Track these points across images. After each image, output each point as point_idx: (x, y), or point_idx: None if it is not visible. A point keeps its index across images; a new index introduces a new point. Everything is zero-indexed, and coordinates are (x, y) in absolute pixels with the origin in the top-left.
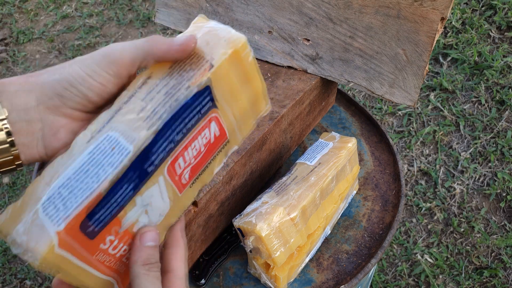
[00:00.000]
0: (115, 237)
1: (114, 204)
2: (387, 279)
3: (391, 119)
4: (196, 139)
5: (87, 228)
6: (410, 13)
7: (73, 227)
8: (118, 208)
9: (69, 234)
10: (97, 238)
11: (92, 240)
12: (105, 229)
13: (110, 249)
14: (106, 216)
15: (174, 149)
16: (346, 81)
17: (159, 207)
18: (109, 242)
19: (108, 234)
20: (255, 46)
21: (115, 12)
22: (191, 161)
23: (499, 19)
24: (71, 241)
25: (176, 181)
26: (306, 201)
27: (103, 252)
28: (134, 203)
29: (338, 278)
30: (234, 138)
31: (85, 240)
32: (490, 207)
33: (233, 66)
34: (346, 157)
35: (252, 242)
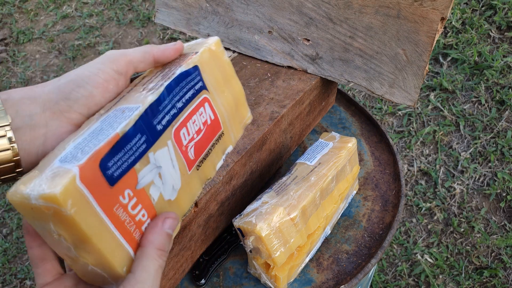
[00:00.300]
0: (133, 194)
1: (130, 152)
2: (387, 279)
3: (391, 119)
4: (195, 114)
5: (106, 169)
6: (410, 13)
7: (94, 163)
8: (134, 158)
9: (90, 170)
10: (116, 186)
11: (112, 187)
12: (123, 179)
13: (129, 207)
14: (123, 162)
15: (177, 115)
16: (346, 81)
17: (171, 175)
18: (127, 196)
19: (127, 186)
20: (255, 46)
21: (115, 12)
22: (193, 136)
23: (499, 19)
24: (92, 178)
25: (183, 151)
26: (306, 201)
27: (123, 208)
28: (147, 159)
29: (338, 278)
30: (228, 134)
31: (105, 184)
32: (490, 207)
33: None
34: (346, 157)
35: (252, 242)
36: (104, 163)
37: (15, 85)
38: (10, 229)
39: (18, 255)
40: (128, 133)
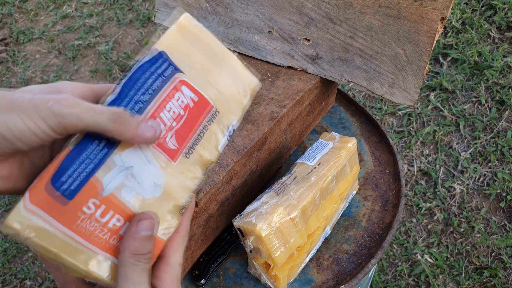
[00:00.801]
0: (100, 202)
1: (86, 161)
2: (387, 279)
3: (391, 119)
4: (169, 101)
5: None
6: (410, 13)
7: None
8: (93, 167)
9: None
10: (75, 199)
11: (70, 201)
12: (83, 190)
13: (98, 216)
14: (79, 174)
15: (145, 109)
16: (346, 81)
17: (147, 172)
18: (93, 205)
19: (90, 196)
20: (255, 46)
21: (115, 12)
22: (172, 124)
23: (499, 19)
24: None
25: (159, 144)
26: (306, 201)
27: (89, 218)
28: (112, 163)
29: (338, 278)
30: (227, 110)
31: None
32: (490, 207)
33: (185, 38)
34: (346, 157)
35: (252, 242)
36: (55, 180)
37: (15, 85)
38: None
39: (18, 255)
40: (81, 144)
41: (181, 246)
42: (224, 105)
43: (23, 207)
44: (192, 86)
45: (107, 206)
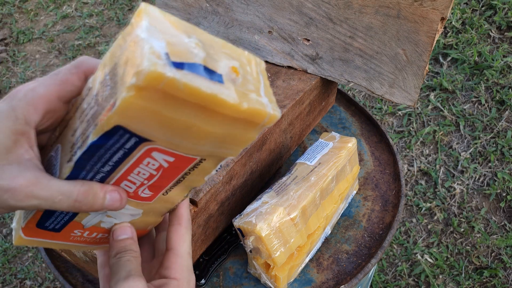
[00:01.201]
0: (84, 230)
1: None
2: (387, 279)
3: (391, 119)
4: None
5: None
6: (410, 13)
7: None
8: (68, 218)
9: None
10: (63, 231)
11: (59, 233)
12: (67, 228)
13: (85, 235)
14: (58, 221)
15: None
16: (346, 81)
17: (122, 213)
18: (79, 233)
19: (74, 229)
20: (255, 46)
21: (115, 12)
22: (143, 182)
23: (499, 19)
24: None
25: (132, 196)
26: (306, 201)
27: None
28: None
29: (338, 278)
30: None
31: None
32: (490, 207)
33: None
34: (346, 157)
35: (252, 242)
36: (41, 225)
37: (15, 85)
38: (10, 229)
39: (18, 255)
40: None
41: (187, 236)
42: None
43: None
44: (165, 150)
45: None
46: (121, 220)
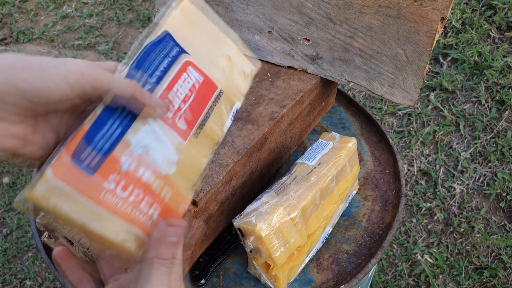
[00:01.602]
0: (120, 177)
1: (103, 140)
2: (387, 279)
3: (391, 119)
4: (176, 82)
5: (80, 161)
6: (410, 13)
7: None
8: (109, 145)
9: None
10: (97, 174)
11: (92, 176)
12: (103, 166)
13: (118, 191)
14: (97, 151)
15: (153, 91)
16: (346, 81)
17: (161, 150)
18: (114, 181)
19: (110, 172)
20: (255, 46)
21: (115, 12)
22: (180, 105)
23: (499, 19)
24: (67, 173)
25: (170, 124)
26: (306, 201)
27: (111, 193)
28: (127, 142)
29: (338, 278)
30: (230, 91)
31: (83, 175)
32: (490, 207)
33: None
34: (346, 157)
35: (252, 242)
36: (76, 157)
37: None
38: (10, 229)
39: (18, 255)
40: (96, 124)
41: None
42: (227, 86)
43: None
44: (197, 67)
45: (127, 181)
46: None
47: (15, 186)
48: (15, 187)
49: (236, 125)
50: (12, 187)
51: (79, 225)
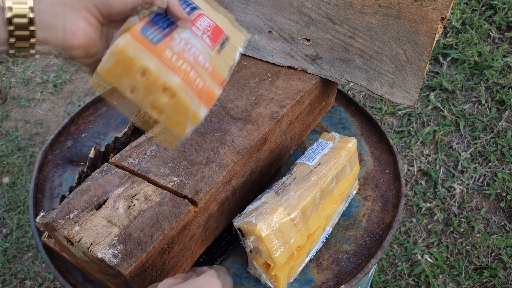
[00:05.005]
0: (172, 54)
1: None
2: (387, 279)
3: (391, 119)
4: (198, 19)
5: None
6: (410, 13)
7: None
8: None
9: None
10: (159, 45)
11: (156, 45)
12: (162, 43)
13: (174, 60)
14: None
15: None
16: (346, 81)
17: (198, 49)
18: (170, 53)
19: (166, 47)
20: (255, 46)
21: None
22: (204, 30)
23: (499, 19)
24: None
25: (200, 36)
26: (306, 201)
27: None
28: (174, 37)
29: (338, 278)
30: (233, 39)
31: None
32: (490, 207)
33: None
34: (346, 157)
35: (252, 242)
36: (143, 32)
37: (15, 85)
38: (10, 229)
39: (18, 255)
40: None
41: None
42: (231, 35)
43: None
44: (209, 17)
45: (178, 57)
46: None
47: (15, 186)
48: (15, 187)
49: (236, 125)
50: (12, 187)
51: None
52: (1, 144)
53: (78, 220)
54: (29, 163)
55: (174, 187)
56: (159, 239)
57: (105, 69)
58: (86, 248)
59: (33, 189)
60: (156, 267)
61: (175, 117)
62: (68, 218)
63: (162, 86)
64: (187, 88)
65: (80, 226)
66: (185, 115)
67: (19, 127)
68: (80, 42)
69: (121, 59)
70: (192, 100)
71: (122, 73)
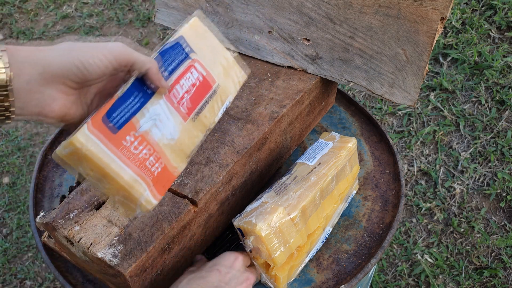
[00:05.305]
0: (135, 137)
1: (126, 110)
2: (387, 279)
3: (391, 119)
4: (183, 78)
5: (108, 122)
6: (410, 13)
7: (98, 119)
8: (130, 114)
9: (95, 124)
10: (119, 133)
11: (115, 134)
12: (125, 127)
13: (132, 148)
14: (122, 117)
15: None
16: (346, 81)
17: (167, 124)
18: (129, 140)
19: (128, 132)
20: (255, 46)
21: (115, 12)
22: (184, 95)
23: (499, 19)
24: (98, 129)
25: (176, 107)
26: (306, 201)
27: (127, 149)
28: (144, 113)
29: (338, 278)
30: (226, 88)
31: (109, 132)
32: (490, 207)
33: (198, 31)
34: (346, 157)
35: (252, 242)
36: (106, 118)
37: None
38: (10, 229)
39: (18, 255)
40: (124, 96)
41: None
42: (224, 81)
43: (86, 129)
44: (202, 64)
45: (141, 141)
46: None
47: (15, 186)
48: (15, 187)
49: (236, 125)
50: (12, 187)
51: (101, 169)
52: (1, 144)
53: (78, 220)
54: (29, 163)
55: (174, 187)
56: (159, 239)
57: (62, 154)
58: (86, 248)
59: (33, 189)
60: (156, 267)
61: (125, 203)
62: (68, 218)
63: (111, 180)
64: (138, 180)
65: (80, 226)
66: (134, 203)
67: (19, 127)
68: (55, 113)
69: (74, 152)
70: (141, 192)
71: (76, 162)
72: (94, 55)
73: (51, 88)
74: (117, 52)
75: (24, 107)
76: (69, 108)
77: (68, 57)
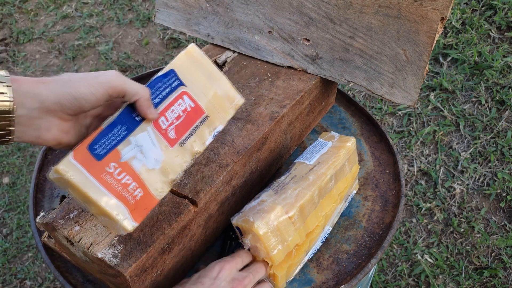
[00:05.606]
0: (118, 165)
1: (112, 137)
2: (387, 279)
3: (391, 119)
4: (173, 105)
5: (93, 150)
6: (410, 13)
7: (83, 147)
8: (116, 141)
9: (80, 152)
10: (102, 160)
11: (99, 161)
12: (109, 156)
13: (115, 174)
14: (107, 145)
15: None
16: (346, 81)
17: (152, 151)
18: (113, 167)
19: (112, 160)
20: (255, 46)
21: (115, 12)
22: (173, 121)
23: (499, 19)
24: (82, 157)
25: (163, 133)
26: (304, 199)
27: (110, 175)
28: (129, 141)
29: (338, 278)
30: (216, 117)
31: (93, 160)
32: (490, 207)
33: (190, 61)
34: (345, 156)
35: (250, 241)
36: (91, 146)
37: None
38: (10, 229)
39: (18, 255)
40: (110, 126)
41: None
42: (213, 113)
43: (69, 159)
44: (191, 96)
45: (122, 169)
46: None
47: (15, 186)
48: (15, 187)
49: (236, 125)
50: (12, 187)
51: (83, 194)
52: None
53: (78, 220)
54: (29, 163)
55: (174, 187)
56: (159, 239)
57: (53, 177)
58: (86, 248)
59: (33, 189)
60: (156, 267)
61: (108, 222)
62: (68, 218)
63: (94, 204)
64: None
65: (80, 226)
66: (116, 224)
67: None
68: (53, 137)
69: (60, 178)
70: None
71: (65, 186)
72: (87, 87)
73: (49, 116)
74: (109, 83)
75: (24, 131)
76: (67, 132)
77: (64, 90)
